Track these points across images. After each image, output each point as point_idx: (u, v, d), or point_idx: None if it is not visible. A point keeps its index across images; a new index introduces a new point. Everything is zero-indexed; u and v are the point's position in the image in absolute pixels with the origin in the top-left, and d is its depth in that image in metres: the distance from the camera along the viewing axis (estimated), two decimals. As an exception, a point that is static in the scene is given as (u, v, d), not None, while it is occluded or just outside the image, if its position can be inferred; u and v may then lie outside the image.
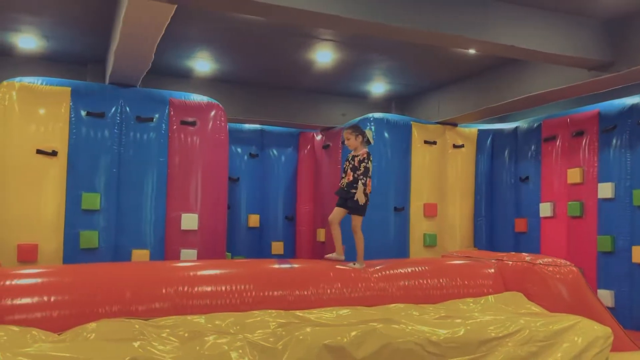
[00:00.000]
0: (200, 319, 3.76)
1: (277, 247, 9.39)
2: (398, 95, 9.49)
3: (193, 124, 7.05)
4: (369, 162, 5.41)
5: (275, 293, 4.43)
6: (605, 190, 7.22)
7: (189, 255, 6.85)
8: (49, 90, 6.45)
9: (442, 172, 8.82)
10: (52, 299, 3.88)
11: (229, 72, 8.24)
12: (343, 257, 5.60)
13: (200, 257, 6.93)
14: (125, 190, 6.70)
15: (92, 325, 3.45)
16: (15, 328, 3.31)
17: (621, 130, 7.16)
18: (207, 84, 8.48)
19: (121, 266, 4.74)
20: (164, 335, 3.28)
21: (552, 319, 4.10)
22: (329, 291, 4.69)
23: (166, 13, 4.51)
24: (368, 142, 5.58)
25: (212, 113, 7.25)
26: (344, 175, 5.56)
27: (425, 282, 5.20)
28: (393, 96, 9.58)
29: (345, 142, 5.57)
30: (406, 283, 5.13)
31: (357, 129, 5.55)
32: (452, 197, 8.90)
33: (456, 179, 8.93)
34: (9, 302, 3.77)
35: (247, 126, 9.42)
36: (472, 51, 6.42)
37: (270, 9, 4.53)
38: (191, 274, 4.39)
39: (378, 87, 8.99)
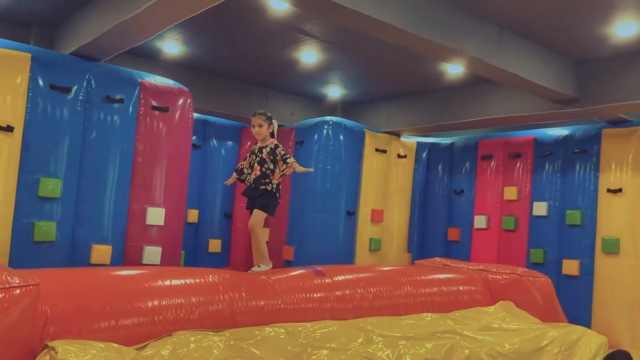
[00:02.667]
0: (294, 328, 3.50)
1: (215, 245, 8.96)
2: (346, 101, 9.62)
3: (165, 109, 6.46)
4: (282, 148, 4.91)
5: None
6: (540, 208, 8.11)
7: (153, 253, 6.25)
8: (5, 55, 5.46)
9: (386, 180, 9.15)
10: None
11: (186, 56, 7.69)
12: (271, 265, 5.06)
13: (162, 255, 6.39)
14: (85, 177, 5.93)
15: (173, 339, 3.05)
16: (100, 344, 2.80)
17: (556, 157, 8.12)
18: (159, 66, 7.82)
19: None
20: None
21: (567, 329, 4.52)
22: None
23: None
24: (272, 134, 5.15)
25: (181, 100, 6.71)
26: (249, 172, 4.99)
27: (423, 291, 5.37)
28: (340, 101, 9.68)
29: (256, 129, 5.04)
30: (410, 290, 5.26)
31: (271, 118, 5.08)
32: (392, 204, 9.27)
33: (397, 188, 9.32)
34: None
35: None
36: (458, 69, 6.79)
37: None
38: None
39: (334, 91, 9.03)
